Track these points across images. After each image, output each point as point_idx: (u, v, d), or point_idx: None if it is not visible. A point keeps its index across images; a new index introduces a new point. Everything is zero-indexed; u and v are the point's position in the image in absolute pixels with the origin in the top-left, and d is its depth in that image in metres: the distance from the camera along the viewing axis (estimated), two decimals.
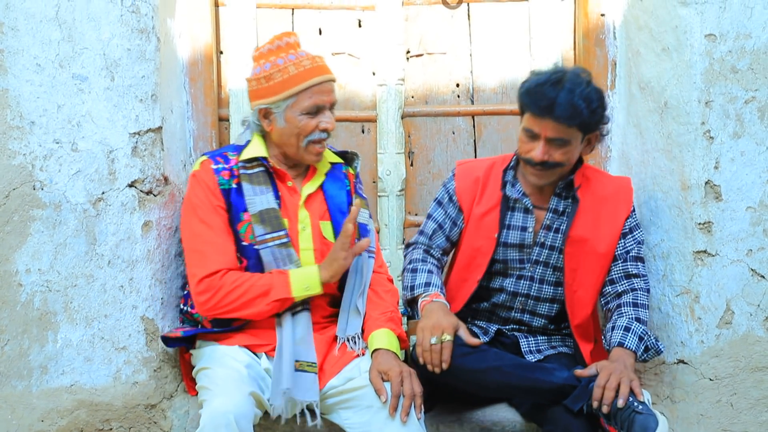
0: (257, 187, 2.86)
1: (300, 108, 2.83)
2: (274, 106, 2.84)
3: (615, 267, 3.00)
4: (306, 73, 2.83)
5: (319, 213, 2.97)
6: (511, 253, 3.03)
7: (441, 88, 3.64)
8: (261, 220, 2.83)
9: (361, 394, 2.72)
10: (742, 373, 3.09)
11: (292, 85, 2.81)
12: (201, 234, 2.83)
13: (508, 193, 3.02)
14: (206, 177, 2.87)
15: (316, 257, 2.93)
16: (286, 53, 2.85)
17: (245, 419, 2.53)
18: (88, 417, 2.96)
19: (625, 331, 2.85)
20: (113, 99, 2.96)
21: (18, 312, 2.91)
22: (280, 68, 2.82)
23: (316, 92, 2.83)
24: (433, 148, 3.63)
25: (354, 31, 3.59)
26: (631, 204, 3.04)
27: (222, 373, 2.68)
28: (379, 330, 2.85)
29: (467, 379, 2.78)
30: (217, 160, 2.90)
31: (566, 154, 2.86)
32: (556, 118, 2.78)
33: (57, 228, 2.92)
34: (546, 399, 2.76)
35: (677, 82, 3.09)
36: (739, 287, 3.09)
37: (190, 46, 3.39)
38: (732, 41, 3.04)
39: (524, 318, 3.09)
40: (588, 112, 2.79)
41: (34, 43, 2.90)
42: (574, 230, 2.98)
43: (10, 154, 2.89)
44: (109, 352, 2.98)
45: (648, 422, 2.53)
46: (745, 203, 3.07)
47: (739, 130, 3.05)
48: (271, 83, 2.83)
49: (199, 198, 2.86)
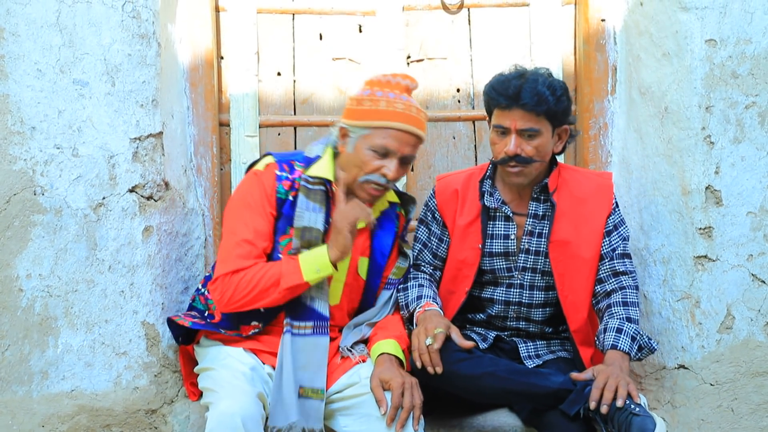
0: (312, 203, 2.82)
1: (370, 143, 2.79)
2: (352, 130, 2.83)
3: (602, 266, 2.99)
4: (392, 114, 2.80)
5: (361, 248, 2.94)
6: (497, 262, 3.04)
7: (441, 93, 3.64)
8: (302, 235, 2.80)
9: (360, 402, 2.71)
10: (742, 378, 3.08)
11: (374, 118, 2.79)
12: (239, 233, 2.79)
13: (487, 203, 3.02)
14: (267, 181, 2.84)
15: (344, 291, 2.92)
16: (390, 90, 2.83)
17: (253, 421, 2.53)
18: (88, 422, 2.95)
19: (617, 332, 2.83)
20: (114, 104, 2.96)
21: (19, 317, 2.91)
22: (374, 99, 2.81)
23: (393, 136, 2.79)
24: (433, 153, 3.63)
25: (355, 36, 3.60)
26: (611, 201, 3.02)
27: (227, 375, 2.67)
28: (386, 340, 2.84)
29: (463, 386, 2.77)
30: (282, 167, 2.86)
31: (538, 147, 2.88)
32: (522, 105, 2.82)
33: (58, 233, 2.93)
34: (542, 404, 2.75)
35: (678, 87, 3.09)
36: (739, 292, 3.09)
37: (191, 51, 3.39)
38: (732, 46, 3.04)
39: (521, 325, 3.08)
40: (553, 98, 2.84)
41: (34, 49, 2.90)
42: (555, 234, 2.98)
43: (11, 159, 2.89)
44: (110, 357, 2.98)
45: (646, 424, 2.52)
46: (745, 208, 3.07)
47: (739, 135, 3.06)
48: (360, 108, 2.82)
49: (253, 198, 2.82)
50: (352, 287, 2.94)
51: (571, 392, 2.69)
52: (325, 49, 3.58)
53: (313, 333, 2.79)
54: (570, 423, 2.67)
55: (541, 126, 2.87)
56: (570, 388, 2.70)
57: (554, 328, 3.10)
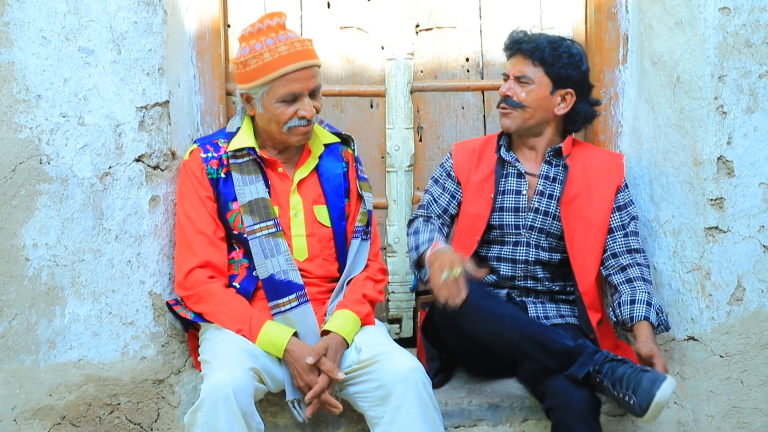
0: (246, 176, 2.85)
1: (275, 96, 2.79)
2: (252, 92, 2.82)
3: (616, 240, 3.05)
4: (280, 61, 2.76)
5: (313, 197, 2.95)
6: (506, 217, 3.09)
7: (450, 62, 3.60)
8: (250, 210, 2.82)
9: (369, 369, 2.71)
10: (752, 350, 3.08)
11: (266, 73, 2.77)
12: (186, 227, 2.85)
13: (503, 155, 3.11)
14: (195, 167, 2.88)
15: (309, 243, 2.92)
16: (266, 37, 2.79)
17: (245, 393, 2.53)
18: (95, 392, 2.96)
19: (647, 306, 2.90)
20: (120, 72, 2.93)
21: (25, 287, 2.90)
22: (256, 54, 2.78)
23: (291, 80, 2.77)
24: (442, 124, 3.60)
25: (363, 4, 3.55)
26: (622, 177, 3.10)
27: (223, 347, 2.67)
28: (337, 311, 2.85)
29: (483, 324, 2.77)
30: (206, 148, 2.90)
31: (530, 94, 3.04)
32: (521, 50, 3.05)
33: (64, 202, 2.91)
34: (552, 360, 2.75)
35: (690, 56, 3.06)
36: (750, 264, 3.07)
37: (198, 19, 3.35)
38: (746, 15, 3.00)
39: (528, 284, 3.11)
40: (550, 50, 3.02)
41: (39, 16, 2.87)
42: (567, 196, 3.04)
43: (17, 127, 2.87)
44: (117, 327, 2.97)
45: (657, 376, 2.58)
46: (757, 179, 3.05)
47: (752, 105, 3.03)
48: (248, 69, 2.80)
49: (187, 188, 2.88)
50: (318, 237, 2.94)
51: (582, 355, 2.70)
52: (333, 17, 3.54)
53: (298, 304, 2.80)
54: (575, 390, 2.68)
55: (536, 76, 3.03)
56: (581, 351, 2.71)
57: (560, 287, 3.13)
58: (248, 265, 2.88)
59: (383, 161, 3.56)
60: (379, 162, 3.56)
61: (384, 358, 2.69)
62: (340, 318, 2.81)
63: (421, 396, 2.63)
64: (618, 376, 2.62)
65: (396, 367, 2.66)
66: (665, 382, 2.55)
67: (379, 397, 2.67)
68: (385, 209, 3.54)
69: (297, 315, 2.79)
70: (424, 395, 2.64)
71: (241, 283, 2.88)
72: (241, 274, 2.89)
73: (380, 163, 3.56)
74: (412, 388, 2.62)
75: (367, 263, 3.00)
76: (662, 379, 2.56)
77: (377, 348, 2.74)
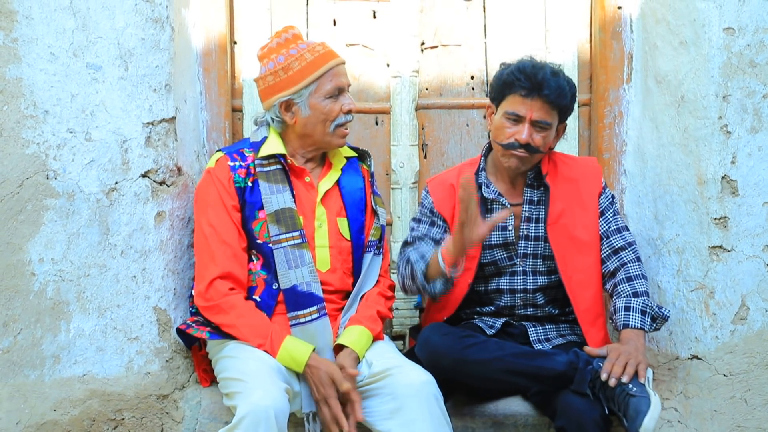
0: (273, 185, 2.85)
1: (323, 93, 2.84)
2: (296, 96, 2.84)
3: (603, 246, 3.02)
4: (322, 58, 2.85)
5: (335, 209, 2.96)
6: (497, 253, 3.04)
7: (455, 80, 3.62)
8: (276, 219, 2.82)
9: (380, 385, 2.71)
10: (756, 369, 3.07)
11: (313, 71, 2.83)
12: (210, 236, 2.83)
13: (485, 194, 3.04)
14: (222, 174, 2.86)
15: (332, 255, 2.93)
16: (295, 44, 2.87)
17: (283, 415, 2.52)
18: (100, 407, 2.96)
19: (626, 311, 2.88)
20: (127, 88, 2.95)
21: (31, 301, 2.91)
22: (297, 57, 2.83)
23: (335, 75, 2.86)
24: (447, 141, 3.61)
25: (368, 22, 3.57)
26: (600, 182, 3.07)
27: (255, 365, 2.65)
28: (350, 327, 2.85)
29: (473, 372, 2.78)
30: (233, 157, 2.89)
31: (545, 139, 2.94)
32: (545, 96, 2.86)
33: (70, 217, 2.92)
34: (551, 385, 2.77)
35: (695, 75, 3.07)
36: (754, 283, 3.07)
37: (204, 36, 3.37)
38: (751, 35, 3.01)
39: (528, 312, 3.09)
40: (570, 95, 2.92)
41: (48, 32, 2.89)
42: (552, 216, 3.01)
43: (24, 143, 2.88)
44: (122, 342, 2.98)
45: (640, 404, 2.57)
46: (761, 198, 3.05)
47: (756, 125, 3.03)
48: (291, 73, 2.83)
49: (212, 197, 2.85)
50: (339, 249, 2.95)
51: (576, 373, 2.72)
52: (338, 35, 3.55)
53: (318, 317, 2.81)
54: (585, 411, 2.68)
55: (552, 120, 2.93)
56: (575, 367, 2.72)
57: (560, 309, 3.10)
58: (266, 277, 2.87)
59: (388, 178, 3.57)
60: (383, 179, 3.57)
61: (397, 372, 2.70)
62: (355, 333, 2.82)
63: (434, 410, 2.64)
64: (609, 394, 2.66)
65: (410, 380, 2.66)
66: (647, 414, 2.54)
67: (390, 411, 2.66)
68: (390, 226, 3.55)
69: (316, 327, 2.79)
70: (436, 409, 2.65)
71: (261, 296, 2.86)
72: (260, 287, 2.87)
73: (385, 180, 3.57)
74: (425, 401, 2.63)
75: (378, 279, 3.01)
76: (645, 411, 2.55)
77: (389, 362, 2.75)
